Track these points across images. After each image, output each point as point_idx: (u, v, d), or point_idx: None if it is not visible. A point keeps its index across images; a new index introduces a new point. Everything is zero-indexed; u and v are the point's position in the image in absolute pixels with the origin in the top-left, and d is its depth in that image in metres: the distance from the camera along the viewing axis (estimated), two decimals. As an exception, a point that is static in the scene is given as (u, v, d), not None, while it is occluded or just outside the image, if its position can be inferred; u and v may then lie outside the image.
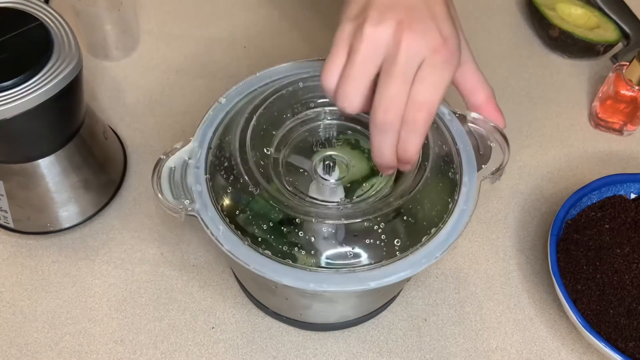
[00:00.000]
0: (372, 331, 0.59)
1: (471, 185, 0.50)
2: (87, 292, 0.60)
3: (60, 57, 0.52)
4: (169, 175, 0.49)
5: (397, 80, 0.43)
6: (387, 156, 0.46)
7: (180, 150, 0.50)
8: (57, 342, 0.57)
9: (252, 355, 0.57)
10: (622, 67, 0.69)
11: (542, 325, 0.60)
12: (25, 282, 0.60)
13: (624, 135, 0.73)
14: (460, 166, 0.51)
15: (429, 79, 0.43)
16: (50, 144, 0.57)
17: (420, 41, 0.43)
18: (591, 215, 0.63)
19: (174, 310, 0.59)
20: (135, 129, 0.70)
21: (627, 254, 0.60)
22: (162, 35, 0.78)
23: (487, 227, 0.66)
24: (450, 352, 0.58)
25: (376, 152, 0.46)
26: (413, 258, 0.47)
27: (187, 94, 0.73)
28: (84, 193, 0.61)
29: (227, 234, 0.47)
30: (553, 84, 0.77)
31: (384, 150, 0.45)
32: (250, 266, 0.46)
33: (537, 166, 0.71)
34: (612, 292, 0.58)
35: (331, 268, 0.47)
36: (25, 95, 0.50)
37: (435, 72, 0.43)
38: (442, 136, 0.52)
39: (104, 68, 0.75)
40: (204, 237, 0.63)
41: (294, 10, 0.82)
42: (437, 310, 0.61)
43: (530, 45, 0.81)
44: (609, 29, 0.78)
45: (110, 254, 0.62)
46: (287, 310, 0.57)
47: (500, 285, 0.62)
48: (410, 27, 0.43)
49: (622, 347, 0.55)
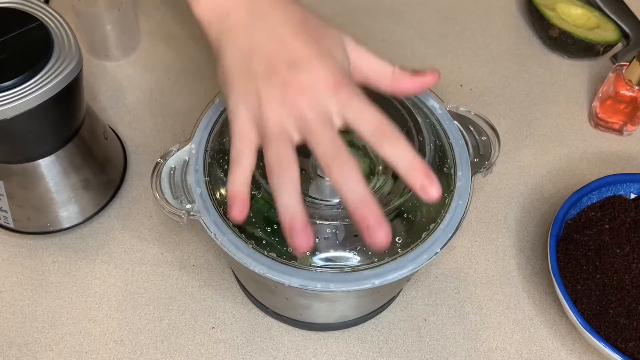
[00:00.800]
0: (372, 331, 0.59)
1: (465, 179, 0.51)
2: (87, 292, 0.60)
3: (60, 57, 0.52)
4: (169, 176, 0.50)
5: (322, 133, 0.42)
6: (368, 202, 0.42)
7: (179, 152, 0.51)
8: (57, 342, 0.57)
9: (252, 355, 0.57)
10: (622, 67, 0.69)
11: (542, 325, 0.60)
12: (25, 282, 0.60)
13: (623, 135, 0.73)
14: (453, 160, 0.52)
15: (357, 111, 0.42)
16: (50, 144, 0.57)
17: (316, 96, 0.42)
18: (591, 215, 0.63)
19: (174, 310, 0.59)
20: (135, 129, 0.70)
21: (627, 254, 0.60)
22: (162, 35, 0.78)
23: (487, 227, 0.66)
24: (450, 352, 0.58)
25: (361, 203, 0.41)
26: (413, 255, 0.47)
27: (187, 94, 0.73)
28: (84, 193, 0.61)
29: (230, 237, 0.47)
30: (553, 84, 0.77)
31: (366, 199, 0.42)
32: (255, 269, 0.46)
33: (537, 166, 0.71)
34: (612, 292, 0.58)
35: (332, 268, 0.47)
36: (25, 96, 0.50)
37: (352, 104, 0.42)
38: (436, 131, 0.53)
39: (104, 68, 0.75)
40: (204, 237, 0.63)
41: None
42: (437, 310, 0.61)
43: (530, 45, 0.81)
44: (609, 29, 0.78)
45: (110, 254, 0.62)
46: (287, 310, 0.57)
47: (500, 285, 0.62)
48: (299, 90, 0.42)
49: (621, 347, 0.55)
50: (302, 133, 0.42)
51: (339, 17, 0.82)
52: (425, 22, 0.82)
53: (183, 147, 0.51)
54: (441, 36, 0.81)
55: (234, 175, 0.43)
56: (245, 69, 0.44)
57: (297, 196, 0.41)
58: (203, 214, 0.48)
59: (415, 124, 0.52)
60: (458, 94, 0.75)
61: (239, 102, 0.44)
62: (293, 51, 0.43)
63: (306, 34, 0.44)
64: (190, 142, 0.51)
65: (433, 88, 0.74)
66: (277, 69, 0.43)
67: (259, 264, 0.46)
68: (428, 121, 0.53)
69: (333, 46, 0.45)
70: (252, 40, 0.44)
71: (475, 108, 0.55)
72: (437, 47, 0.80)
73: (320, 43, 0.44)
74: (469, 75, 0.77)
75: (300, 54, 0.43)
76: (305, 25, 0.45)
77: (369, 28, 0.81)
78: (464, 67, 0.78)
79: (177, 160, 0.50)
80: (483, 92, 0.76)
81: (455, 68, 0.78)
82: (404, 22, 0.82)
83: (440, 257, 0.63)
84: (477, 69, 0.78)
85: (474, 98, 0.75)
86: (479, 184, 0.68)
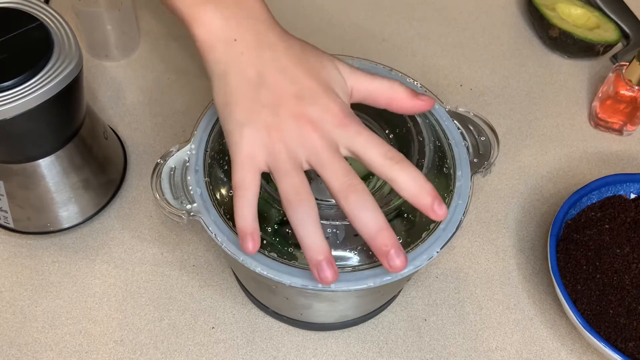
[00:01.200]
0: (372, 331, 0.59)
1: (465, 180, 0.51)
2: (87, 292, 0.60)
3: (60, 58, 0.52)
4: (169, 176, 0.50)
5: (334, 165, 0.43)
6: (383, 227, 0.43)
7: (179, 152, 0.51)
8: (57, 342, 0.57)
9: (252, 355, 0.57)
10: (622, 67, 0.69)
11: (542, 325, 0.60)
12: (25, 282, 0.60)
13: (623, 135, 0.73)
14: (453, 160, 0.52)
15: (365, 142, 0.44)
16: (50, 144, 0.57)
17: (325, 128, 0.44)
18: (591, 215, 0.63)
19: (174, 310, 0.59)
20: (135, 129, 0.70)
21: (627, 254, 0.60)
22: (162, 35, 0.78)
23: (487, 227, 0.66)
24: (450, 352, 0.58)
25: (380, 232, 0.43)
26: (413, 255, 0.47)
27: (187, 94, 0.73)
28: (84, 193, 0.61)
29: (230, 237, 0.47)
30: (553, 84, 0.77)
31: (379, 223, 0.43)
32: (256, 269, 0.46)
33: (537, 166, 0.71)
34: (612, 292, 0.58)
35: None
36: (25, 96, 0.50)
37: (360, 135, 0.44)
38: (435, 132, 0.53)
39: (104, 68, 0.75)
40: (204, 237, 0.63)
41: (292, 12, 0.82)
42: (437, 310, 0.61)
43: (530, 45, 0.81)
44: (609, 29, 0.78)
45: (110, 254, 0.62)
46: (288, 310, 0.57)
47: (500, 285, 0.62)
48: (309, 123, 0.44)
49: (621, 347, 0.55)
50: (313, 164, 0.44)
51: (339, 17, 0.82)
52: (425, 22, 0.82)
53: (183, 147, 0.51)
54: (441, 36, 0.81)
55: (243, 209, 0.44)
56: (251, 97, 0.45)
57: (320, 231, 0.43)
58: (203, 214, 0.48)
59: (414, 124, 0.52)
60: (458, 94, 0.75)
61: (243, 129, 0.44)
62: (299, 84, 0.45)
63: (307, 67, 0.46)
64: (190, 142, 0.51)
65: (433, 88, 0.74)
66: (284, 101, 0.44)
67: (260, 263, 0.46)
68: (428, 121, 0.53)
69: (332, 77, 0.46)
70: (259, 69, 0.45)
71: (475, 108, 0.56)
72: (437, 47, 0.80)
73: (320, 75, 0.46)
74: (469, 75, 0.77)
75: (306, 88, 0.45)
76: (305, 57, 0.46)
77: (369, 28, 0.81)
78: (464, 67, 0.78)
79: (177, 161, 0.50)
80: (483, 92, 0.76)
81: (455, 68, 0.78)
82: (404, 22, 0.82)
83: (440, 257, 0.63)
84: (477, 69, 0.78)
85: (474, 98, 0.75)
86: (479, 184, 0.69)
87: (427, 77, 0.77)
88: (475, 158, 0.53)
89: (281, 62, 0.45)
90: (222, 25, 0.46)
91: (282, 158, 0.44)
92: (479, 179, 0.52)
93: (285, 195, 0.43)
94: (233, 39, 0.46)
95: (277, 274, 0.46)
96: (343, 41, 0.79)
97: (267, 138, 0.44)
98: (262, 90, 0.45)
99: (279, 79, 0.45)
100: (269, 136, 0.44)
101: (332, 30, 0.80)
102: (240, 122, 0.45)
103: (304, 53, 0.47)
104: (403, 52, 0.79)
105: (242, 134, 0.44)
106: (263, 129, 0.44)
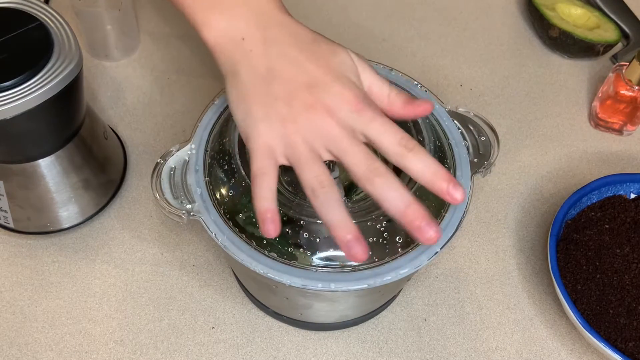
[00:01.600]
0: (372, 331, 0.59)
1: (465, 179, 0.51)
2: (87, 292, 0.60)
3: (60, 58, 0.52)
4: (169, 176, 0.50)
5: (355, 151, 0.43)
6: (405, 199, 0.43)
7: (179, 152, 0.51)
8: (57, 342, 0.57)
9: (252, 355, 0.57)
10: (622, 67, 0.69)
11: (542, 325, 0.60)
12: (25, 282, 0.60)
13: (623, 135, 0.73)
14: (453, 160, 0.52)
15: (380, 128, 0.44)
16: (50, 144, 0.57)
17: (342, 116, 0.44)
18: (591, 215, 0.63)
19: (174, 310, 0.59)
20: (135, 129, 0.70)
21: (627, 254, 0.60)
22: (162, 35, 0.78)
23: (487, 227, 0.66)
24: (450, 352, 0.58)
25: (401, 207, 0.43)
26: (413, 255, 0.47)
27: (187, 94, 0.73)
28: (84, 193, 0.61)
29: (230, 236, 0.47)
30: (553, 84, 0.77)
31: (400, 197, 0.43)
32: (256, 269, 0.46)
33: (537, 166, 0.71)
34: (612, 292, 0.58)
35: (333, 267, 0.47)
36: (25, 96, 0.50)
37: (375, 121, 0.44)
38: (435, 131, 0.53)
39: (104, 68, 0.75)
40: (204, 237, 0.63)
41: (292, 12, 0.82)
42: (437, 310, 0.61)
43: (530, 45, 0.81)
44: (609, 29, 0.78)
45: (110, 254, 0.62)
46: (288, 310, 0.57)
47: (500, 285, 0.62)
48: (325, 112, 0.44)
49: (621, 347, 0.55)
50: (333, 152, 0.44)
51: (339, 17, 0.82)
52: (425, 22, 0.82)
53: (183, 147, 0.51)
54: (441, 36, 0.81)
55: (262, 191, 0.44)
56: (264, 91, 0.45)
57: (346, 212, 0.43)
58: (203, 214, 0.48)
59: (414, 124, 0.52)
60: (458, 94, 0.75)
61: (259, 124, 0.44)
62: (310, 74, 0.45)
63: (317, 55, 0.46)
64: (190, 142, 0.51)
65: (433, 88, 0.74)
66: (297, 91, 0.44)
67: (260, 263, 0.46)
68: (428, 121, 0.53)
69: (344, 63, 0.46)
70: (269, 63, 0.45)
71: (475, 108, 0.56)
72: (437, 47, 0.80)
73: (330, 63, 0.46)
74: (469, 75, 0.77)
75: (317, 76, 0.45)
76: (316, 47, 0.46)
77: (369, 28, 0.81)
78: (464, 67, 0.78)
79: (177, 161, 0.50)
80: (483, 92, 0.76)
81: (455, 68, 0.78)
82: (404, 22, 0.82)
83: (440, 257, 0.63)
84: (477, 69, 0.78)
85: (474, 98, 0.75)
86: (479, 184, 0.69)
87: (427, 77, 0.77)
88: (475, 158, 0.53)
89: (290, 54, 0.45)
90: (229, 27, 0.46)
91: (300, 149, 0.44)
92: (479, 179, 0.52)
93: (309, 185, 0.43)
94: (241, 38, 0.46)
95: (277, 274, 0.46)
96: (343, 41, 0.79)
97: (284, 130, 0.44)
98: (274, 83, 0.45)
99: (290, 70, 0.45)
100: (284, 128, 0.44)
101: (332, 30, 0.80)
102: (255, 118, 0.45)
103: (314, 42, 0.47)
104: (403, 52, 0.79)
105: (258, 128, 0.44)
106: (278, 122, 0.44)
